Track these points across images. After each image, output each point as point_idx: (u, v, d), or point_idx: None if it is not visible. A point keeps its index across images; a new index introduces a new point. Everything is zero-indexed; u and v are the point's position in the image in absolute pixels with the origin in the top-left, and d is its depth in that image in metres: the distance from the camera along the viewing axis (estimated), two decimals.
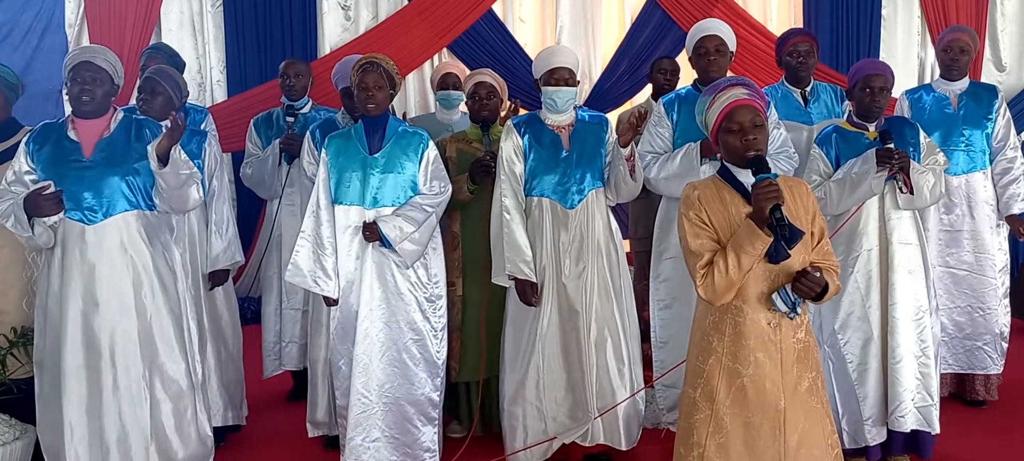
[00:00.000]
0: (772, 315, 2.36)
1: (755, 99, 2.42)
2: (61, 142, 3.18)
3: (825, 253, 2.45)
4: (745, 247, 2.27)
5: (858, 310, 3.42)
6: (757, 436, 2.37)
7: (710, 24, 3.73)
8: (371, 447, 3.48)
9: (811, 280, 2.30)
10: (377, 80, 3.40)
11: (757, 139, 2.36)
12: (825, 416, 2.45)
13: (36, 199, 3.07)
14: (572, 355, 3.45)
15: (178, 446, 3.28)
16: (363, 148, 3.46)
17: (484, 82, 3.89)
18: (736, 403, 2.38)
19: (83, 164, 3.15)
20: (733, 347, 2.38)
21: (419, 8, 6.09)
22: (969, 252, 4.10)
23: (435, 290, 3.55)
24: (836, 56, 6.32)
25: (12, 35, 5.67)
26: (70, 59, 3.21)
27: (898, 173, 3.30)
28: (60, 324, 3.13)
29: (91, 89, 3.15)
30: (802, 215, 2.41)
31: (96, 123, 3.21)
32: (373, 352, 3.46)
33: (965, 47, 4.11)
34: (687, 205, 2.41)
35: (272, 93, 5.13)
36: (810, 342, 2.44)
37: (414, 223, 3.39)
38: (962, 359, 4.15)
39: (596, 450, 3.56)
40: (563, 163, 3.46)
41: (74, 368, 3.12)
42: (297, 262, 3.44)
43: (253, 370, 4.36)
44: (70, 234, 3.14)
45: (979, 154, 4.12)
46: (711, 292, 2.33)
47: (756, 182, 2.28)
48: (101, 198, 3.15)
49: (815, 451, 2.40)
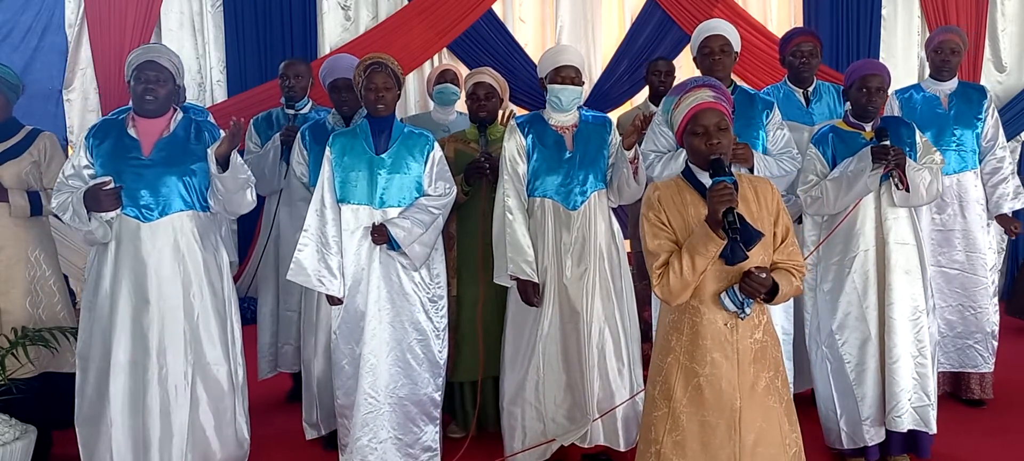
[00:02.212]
0: (729, 316, 2.38)
1: (721, 102, 2.43)
2: (121, 139, 3.23)
3: (789, 253, 2.45)
4: (699, 249, 2.29)
5: (855, 310, 3.43)
6: (713, 435, 2.39)
7: (715, 24, 3.74)
8: (379, 448, 3.48)
9: (755, 280, 2.32)
10: (386, 80, 3.41)
11: (721, 143, 2.38)
12: (783, 416, 2.46)
13: (96, 194, 3.12)
14: (572, 356, 3.46)
15: (217, 447, 3.33)
16: (369, 148, 3.46)
17: (483, 82, 3.89)
18: (692, 402, 2.41)
19: (142, 162, 3.20)
20: (690, 346, 2.41)
21: (419, 8, 6.09)
22: (961, 251, 4.12)
23: (437, 290, 3.56)
24: (836, 56, 6.32)
25: (12, 35, 5.66)
26: (135, 58, 3.25)
27: (894, 171, 3.30)
28: (110, 319, 3.18)
29: (155, 88, 3.20)
30: (765, 216, 2.42)
31: (156, 122, 3.26)
32: (380, 352, 3.46)
33: (956, 48, 4.13)
34: (647, 206, 2.44)
35: (272, 93, 5.13)
36: (768, 342, 2.45)
37: (422, 225, 3.40)
38: (954, 358, 4.17)
39: (595, 451, 3.56)
40: (566, 164, 3.47)
41: (122, 364, 3.18)
42: (300, 261, 3.42)
43: (253, 371, 4.36)
44: (125, 230, 3.19)
45: (970, 154, 4.14)
46: (667, 292, 2.35)
47: (711, 185, 2.29)
48: (158, 197, 3.20)
49: (772, 450, 2.41)
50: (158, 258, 3.19)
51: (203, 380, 3.28)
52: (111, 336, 3.18)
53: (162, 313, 3.19)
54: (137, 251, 3.18)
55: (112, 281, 3.20)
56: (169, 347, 3.20)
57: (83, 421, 3.28)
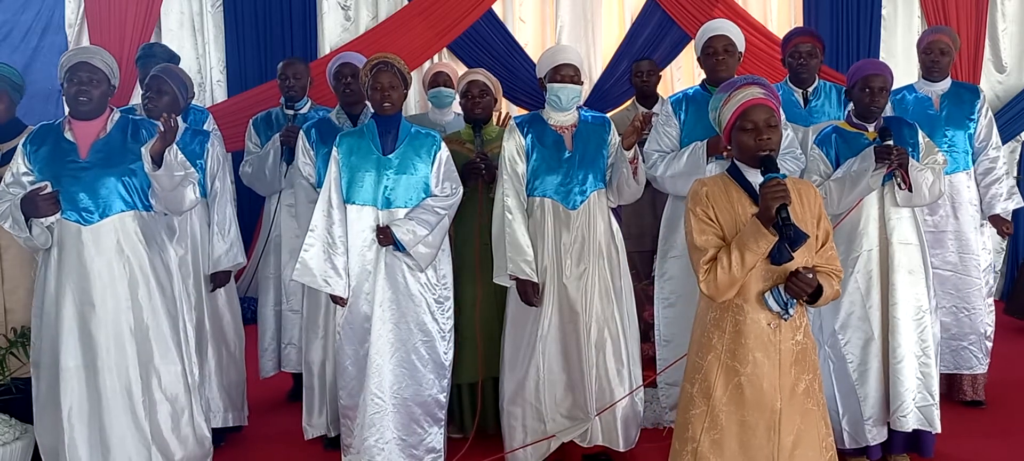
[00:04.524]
0: (772, 316, 2.37)
1: (770, 99, 2.43)
2: (58, 143, 3.17)
3: (828, 257, 2.45)
4: (749, 245, 2.28)
5: (858, 310, 3.43)
6: (752, 435, 2.38)
7: (719, 24, 3.73)
8: (385, 448, 3.47)
9: (802, 280, 2.31)
10: (392, 80, 3.40)
11: (771, 139, 2.37)
12: (821, 419, 2.46)
13: (33, 200, 3.07)
14: (572, 356, 3.45)
15: (176, 447, 3.27)
16: (376, 148, 3.45)
17: (477, 80, 3.89)
18: (733, 401, 2.39)
19: (79, 165, 3.15)
20: (732, 345, 2.39)
21: (419, 8, 6.09)
22: (954, 253, 4.11)
23: (444, 292, 3.55)
24: (836, 56, 6.32)
25: (12, 35, 5.67)
26: (66, 60, 3.19)
27: (897, 170, 3.30)
28: (57, 325, 3.13)
29: (88, 90, 3.14)
30: (808, 218, 2.41)
31: (93, 124, 3.20)
32: (384, 353, 3.45)
33: (945, 48, 4.11)
34: (694, 201, 2.42)
35: (272, 93, 5.13)
36: (808, 345, 2.45)
37: (427, 226, 3.39)
38: (948, 359, 4.14)
39: (594, 451, 3.56)
40: (566, 164, 3.46)
41: (72, 369, 3.12)
42: (306, 261, 3.40)
43: (254, 371, 4.36)
44: (67, 235, 3.13)
45: (962, 155, 4.13)
46: (713, 288, 2.34)
47: (764, 181, 2.28)
48: (97, 199, 3.14)
49: (810, 453, 2.41)
50: (102, 261, 3.13)
51: (157, 381, 3.22)
52: (58, 342, 3.12)
53: (109, 316, 3.13)
54: (80, 255, 3.12)
55: (57, 286, 3.13)
56: (119, 350, 3.13)
57: (42, 429, 3.21)
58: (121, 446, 3.15)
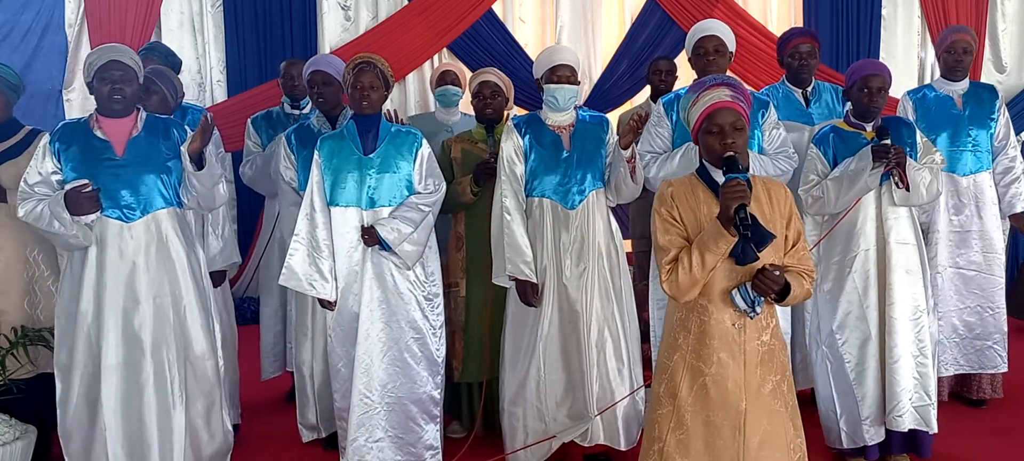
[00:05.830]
0: (737, 316, 2.38)
1: (738, 101, 2.42)
2: (89, 141, 3.18)
3: (800, 258, 2.44)
4: (709, 246, 2.29)
5: (856, 310, 3.43)
6: (717, 435, 2.39)
7: (709, 24, 3.73)
8: (374, 447, 3.48)
9: (769, 278, 2.30)
10: (372, 80, 3.40)
11: (736, 142, 2.37)
12: (789, 420, 2.45)
13: (76, 198, 3.07)
14: (572, 356, 3.46)
15: (207, 440, 3.33)
16: (357, 148, 3.46)
17: (489, 81, 3.88)
18: (698, 401, 2.40)
19: (118, 163, 3.17)
20: (697, 345, 2.40)
21: (419, 8, 6.10)
22: (978, 252, 4.09)
23: (433, 288, 3.56)
24: (836, 56, 6.33)
25: (12, 35, 5.68)
26: (96, 58, 3.19)
27: (894, 169, 3.30)
28: (97, 323, 3.15)
29: (122, 88, 3.16)
30: (777, 218, 2.41)
31: (124, 122, 3.22)
32: (374, 352, 3.46)
33: (968, 47, 4.09)
34: (660, 201, 2.43)
35: (272, 93, 5.13)
36: (776, 346, 2.45)
37: (412, 224, 3.39)
38: (973, 359, 4.13)
39: (595, 450, 3.56)
40: (564, 164, 3.46)
41: (113, 366, 3.15)
42: (291, 266, 3.42)
43: (251, 371, 4.36)
44: (108, 232, 3.15)
45: (985, 154, 4.11)
46: (675, 288, 2.35)
47: (724, 181, 2.28)
48: (138, 196, 3.17)
49: (776, 454, 2.41)
50: (145, 256, 3.17)
51: (194, 374, 3.27)
52: (99, 340, 3.14)
53: (153, 310, 3.17)
54: (123, 252, 3.14)
55: (97, 284, 3.15)
56: (162, 344, 3.18)
57: (68, 432, 3.22)
58: (163, 442, 3.18)
